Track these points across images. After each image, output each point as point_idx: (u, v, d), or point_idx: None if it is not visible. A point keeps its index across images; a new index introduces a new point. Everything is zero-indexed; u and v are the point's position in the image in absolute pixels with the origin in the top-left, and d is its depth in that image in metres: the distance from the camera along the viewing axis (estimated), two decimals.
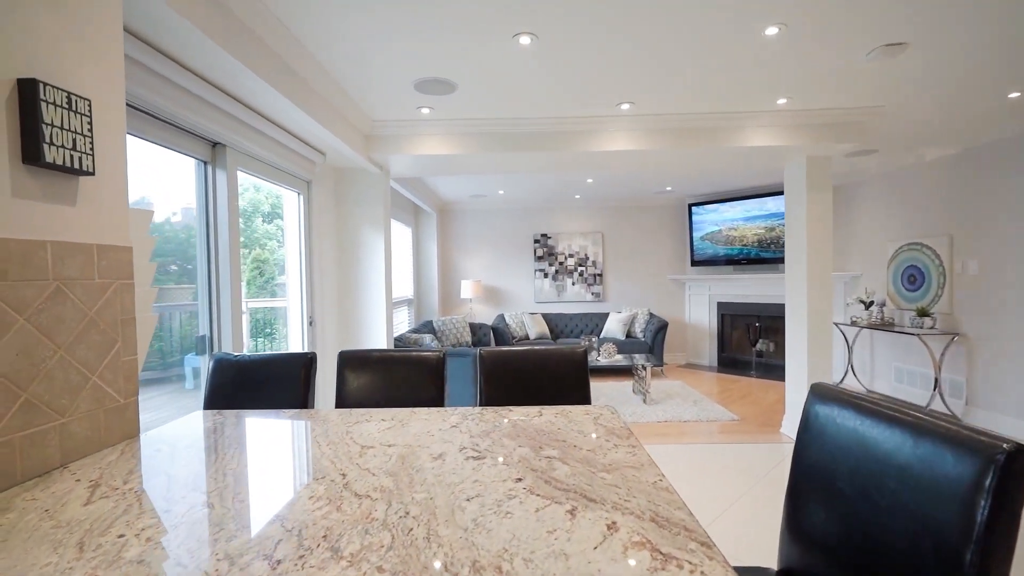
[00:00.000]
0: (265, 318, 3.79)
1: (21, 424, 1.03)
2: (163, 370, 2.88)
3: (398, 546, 0.76)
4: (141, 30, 1.69)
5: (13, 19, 1.03)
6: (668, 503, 0.88)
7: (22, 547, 0.77)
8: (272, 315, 3.73)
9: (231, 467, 1.09)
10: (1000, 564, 0.75)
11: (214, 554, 0.74)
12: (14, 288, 1.02)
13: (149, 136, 1.99)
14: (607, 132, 3.50)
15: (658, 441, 3.96)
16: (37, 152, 1.04)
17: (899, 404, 0.98)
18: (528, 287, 7.50)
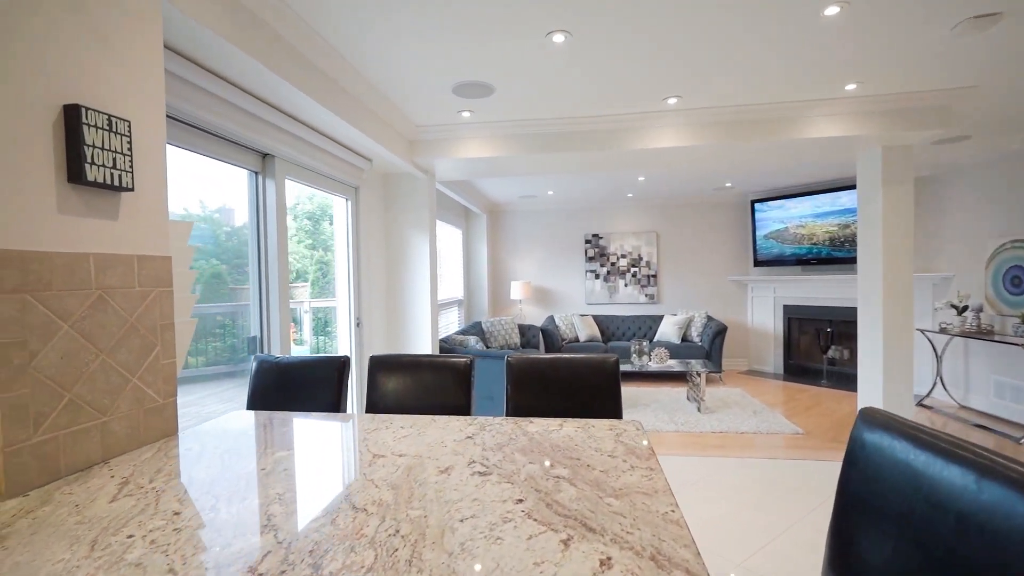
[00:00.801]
0: (325, 317, 3.97)
1: (66, 422, 1.12)
2: (234, 364, 3.11)
3: (378, 567, 0.74)
4: (192, 53, 1.81)
5: (60, 49, 1.12)
6: (675, 539, 0.81)
7: (44, 542, 0.83)
8: (331, 314, 3.90)
9: (246, 471, 1.13)
10: None
11: (202, 563, 0.76)
12: (59, 297, 1.11)
13: (202, 150, 2.13)
14: (654, 128, 3.35)
15: (711, 453, 3.74)
16: (80, 172, 1.13)
17: (963, 441, 0.84)
18: (579, 288, 7.38)
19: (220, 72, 1.98)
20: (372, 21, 2.11)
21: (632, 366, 5.10)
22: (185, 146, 2.04)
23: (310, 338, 4.12)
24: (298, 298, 4.03)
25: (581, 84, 2.79)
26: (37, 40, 1.08)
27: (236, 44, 1.77)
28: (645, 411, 4.84)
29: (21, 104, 1.05)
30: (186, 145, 2.04)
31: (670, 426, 4.38)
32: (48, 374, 1.09)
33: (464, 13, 2.05)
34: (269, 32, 1.99)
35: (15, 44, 1.04)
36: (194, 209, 3.13)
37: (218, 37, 1.69)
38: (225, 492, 1.01)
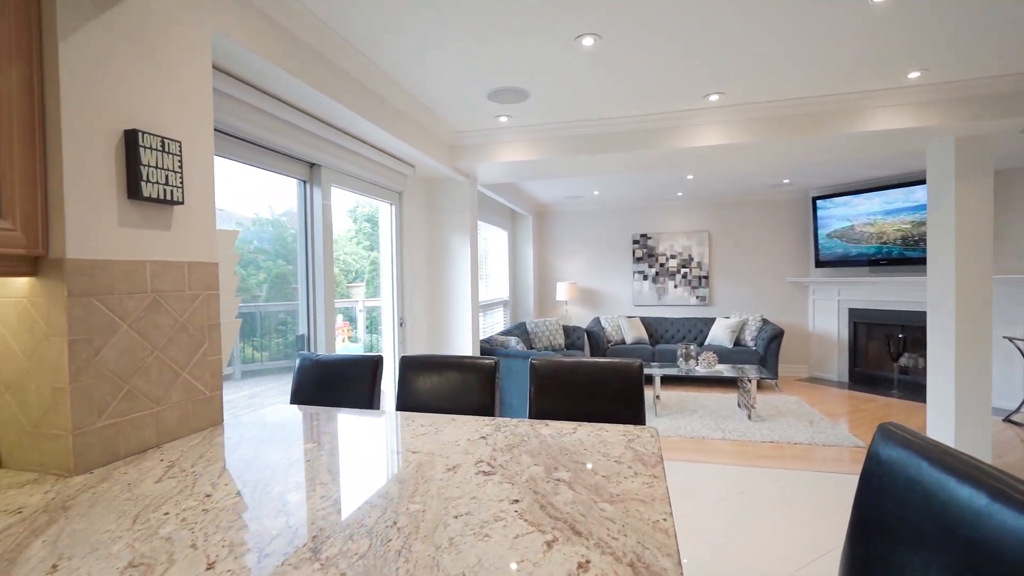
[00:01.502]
0: (379, 316, 4.17)
1: (125, 410, 1.27)
2: (294, 360, 3.36)
3: (369, 555, 0.80)
4: (241, 74, 1.97)
5: (122, 81, 1.28)
6: (659, 547, 0.81)
7: (98, 513, 0.96)
8: (380, 313, 4.09)
9: (274, 461, 1.23)
10: None
11: (221, 541, 0.85)
12: (119, 300, 1.26)
13: (253, 162, 2.32)
14: (696, 126, 3.25)
15: (759, 463, 3.58)
16: (137, 188, 1.27)
17: (977, 461, 0.78)
18: (626, 290, 7.25)
19: (268, 90, 2.14)
20: (409, 37, 2.20)
21: (678, 370, 4.96)
22: (237, 159, 2.23)
23: (364, 336, 4.33)
24: (354, 297, 4.25)
25: (616, 85, 2.76)
26: (107, 74, 1.23)
27: (281, 66, 1.91)
28: (692, 417, 4.69)
29: (92, 133, 1.21)
30: (238, 158, 2.23)
31: (716, 433, 4.23)
32: (110, 367, 1.24)
33: (496, 20, 2.10)
34: (312, 53, 2.13)
35: (90, 81, 1.20)
36: (263, 213, 3.41)
37: (264, 60, 1.84)
38: (252, 479, 1.12)
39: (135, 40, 1.31)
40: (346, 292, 4.56)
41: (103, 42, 1.24)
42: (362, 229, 4.27)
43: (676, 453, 3.82)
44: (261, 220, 3.75)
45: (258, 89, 2.10)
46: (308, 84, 2.09)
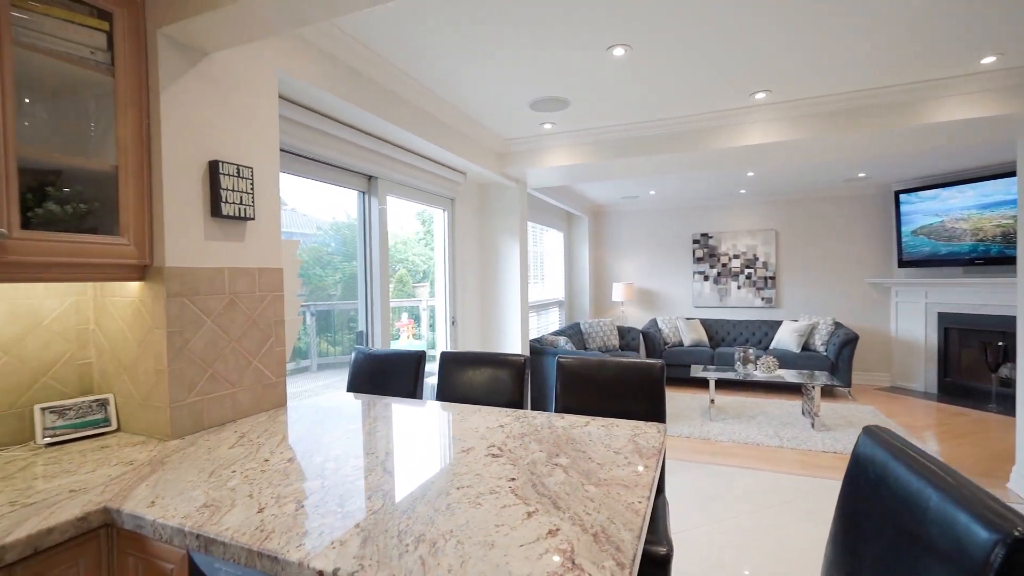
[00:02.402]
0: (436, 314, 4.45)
1: (209, 389, 1.55)
2: None
3: (381, 511, 0.97)
4: (304, 102, 2.26)
5: (206, 121, 1.56)
6: (624, 524, 0.91)
7: (185, 469, 1.21)
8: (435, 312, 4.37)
9: (322, 436, 1.45)
10: None
11: (271, 494, 1.06)
12: (204, 300, 1.54)
13: (316, 177, 2.62)
14: (743, 125, 3.18)
15: (817, 473, 3.43)
16: (218, 208, 1.55)
17: (931, 460, 0.82)
18: (685, 291, 7.08)
19: (328, 113, 2.42)
20: (450, 55, 2.39)
21: (735, 374, 4.81)
22: (303, 175, 2.53)
23: (427, 333, 4.63)
24: (419, 296, 4.56)
25: (654, 89, 2.80)
26: (195, 116, 1.52)
27: (336, 93, 2.18)
28: (749, 423, 4.54)
29: (185, 165, 1.49)
30: (304, 174, 2.53)
31: (773, 440, 4.07)
32: (197, 355, 1.52)
33: (530, 35, 2.23)
34: (364, 79, 2.38)
35: (183, 123, 1.49)
36: (340, 217, 3.78)
37: (321, 90, 2.11)
38: (302, 450, 1.34)
39: (216, 87, 1.60)
40: (412, 292, 4.89)
41: (192, 91, 1.52)
42: (430, 231, 4.55)
43: (726, 458, 3.74)
44: (338, 224, 4.12)
45: (320, 113, 2.39)
46: (362, 108, 2.34)
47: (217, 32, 1.46)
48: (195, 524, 0.94)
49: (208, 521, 0.94)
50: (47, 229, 1.27)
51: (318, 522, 0.93)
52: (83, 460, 1.28)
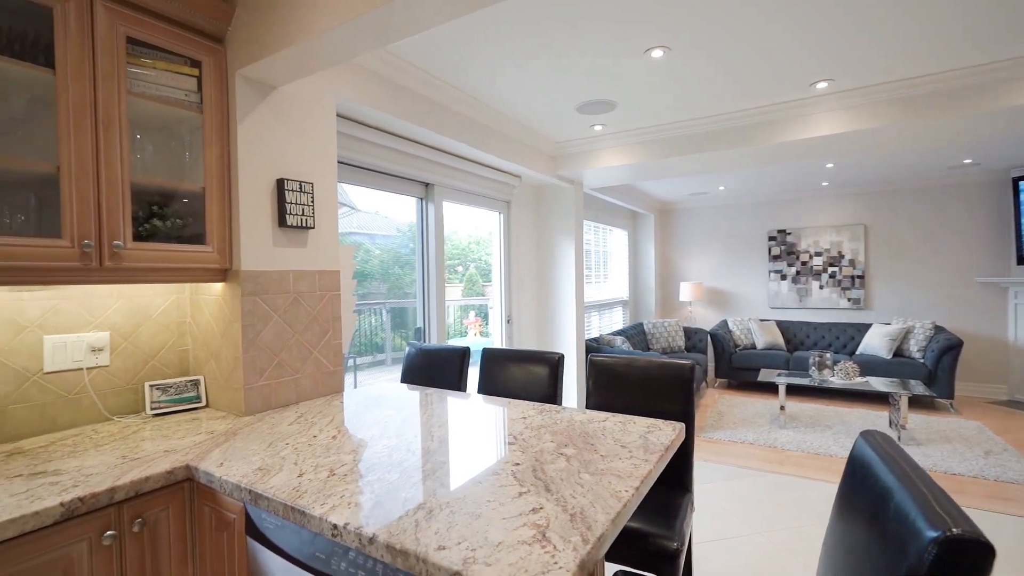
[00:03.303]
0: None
1: (276, 375, 1.81)
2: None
3: (395, 483, 1.12)
4: (364, 119, 2.50)
5: (273, 145, 1.82)
6: (603, 508, 0.99)
7: (251, 439, 1.45)
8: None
9: (365, 419, 1.65)
10: None
11: (312, 463, 1.25)
12: (272, 298, 1.80)
13: (376, 186, 2.87)
14: (807, 116, 3.01)
15: None
16: (284, 219, 1.81)
17: (916, 470, 0.82)
18: (760, 291, 6.70)
19: (385, 128, 2.66)
20: (493, 64, 2.53)
21: (809, 380, 4.50)
22: (364, 184, 2.80)
23: (495, 330, 4.84)
24: (488, 296, 4.78)
25: (707, 85, 2.74)
26: (265, 141, 1.78)
27: (390, 112, 2.40)
28: (823, 432, 4.25)
29: (257, 184, 1.76)
30: (364, 184, 2.80)
31: (846, 452, 3.78)
32: (266, 345, 1.79)
33: (572, 42, 2.31)
34: (416, 96, 2.59)
35: (255, 147, 1.75)
36: (410, 220, 4.09)
37: (375, 110, 2.33)
38: (345, 430, 1.54)
39: (282, 115, 1.85)
40: (481, 291, 5.12)
41: (262, 120, 1.79)
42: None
43: (791, 468, 3.55)
44: (403, 225, 4.42)
45: (377, 128, 2.63)
46: (413, 123, 2.55)
47: (283, 69, 1.70)
48: (249, 482, 1.15)
49: (259, 481, 1.15)
50: (152, 240, 1.57)
51: (342, 488, 1.10)
52: (177, 428, 1.57)
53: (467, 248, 5.17)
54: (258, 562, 1.17)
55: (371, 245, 5.77)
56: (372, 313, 5.59)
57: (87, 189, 1.37)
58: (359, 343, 5.47)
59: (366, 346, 5.57)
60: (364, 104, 2.26)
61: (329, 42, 1.52)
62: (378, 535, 0.90)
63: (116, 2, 1.44)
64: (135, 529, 1.19)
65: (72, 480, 1.17)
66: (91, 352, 1.62)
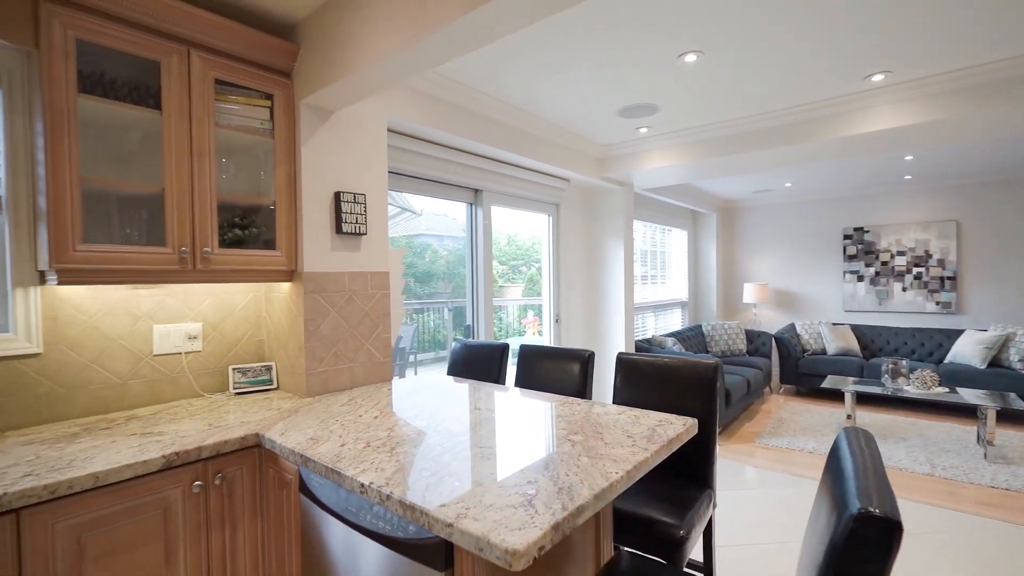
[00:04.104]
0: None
1: (333, 363, 2.08)
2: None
3: (418, 455, 1.30)
4: (415, 133, 2.74)
5: (332, 162, 2.08)
6: (590, 485, 1.10)
7: (308, 416, 1.71)
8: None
9: (405, 403, 1.86)
10: None
11: (354, 437, 1.47)
12: (330, 296, 2.07)
13: (428, 193, 3.11)
14: (866, 110, 2.86)
15: (971, 510, 2.92)
16: (340, 226, 2.07)
17: (875, 463, 0.87)
18: (833, 293, 6.28)
19: (436, 140, 2.89)
20: (535, 78, 2.67)
21: (882, 388, 4.21)
22: (417, 192, 3.04)
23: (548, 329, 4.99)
24: (543, 296, 4.95)
25: (752, 84, 2.70)
26: (324, 159, 2.05)
27: (439, 127, 2.61)
28: (896, 445, 3.96)
29: (318, 197, 2.03)
30: (417, 191, 3.04)
31: (922, 467, 3.52)
32: (325, 336, 2.05)
33: (609, 52, 2.40)
34: (463, 111, 2.79)
35: (316, 165, 2.02)
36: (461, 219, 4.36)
37: (425, 126, 2.56)
38: (388, 410, 1.75)
39: (339, 135, 2.12)
40: (539, 291, 5.28)
41: (322, 140, 2.06)
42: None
43: None
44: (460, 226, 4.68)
45: (427, 141, 2.86)
46: (460, 136, 2.75)
47: (339, 96, 1.95)
48: (301, 448, 1.38)
49: (309, 448, 1.38)
50: (235, 247, 1.88)
51: (374, 456, 1.30)
52: (252, 405, 1.87)
53: (530, 248, 5.34)
54: (308, 515, 1.41)
55: (438, 246, 6.10)
56: (435, 312, 5.92)
57: (184, 206, 1.68)
58: (421, 340, 5.82)
59: (429, 343, 5.91)
60: (412, 121, 2.50)
61: (374, 72, 1.74)
62: (393, 493, 1.08)
63: (207, 52, 1.75)
64: (216, 482, 1.47)
65: (171, 439, 1.47)
66: (188, 339, 1.97)
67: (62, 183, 1.44)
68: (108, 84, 1.61)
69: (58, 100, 1.44)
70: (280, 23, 2.00)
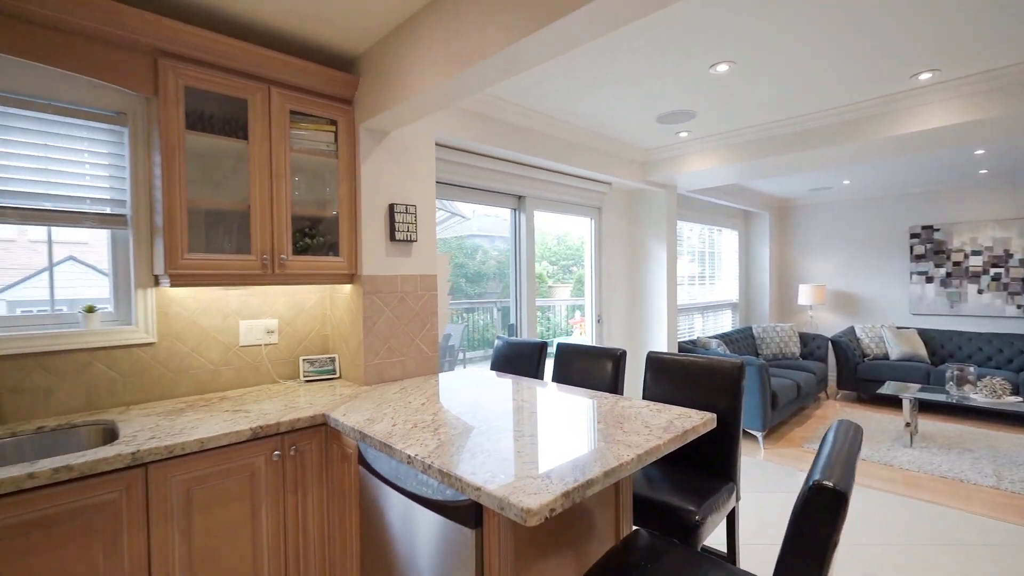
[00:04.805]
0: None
1: (387, 356, 2.34)
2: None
3: (456, 435, 1.51)
4: (462, 146, 2.97)
5: (386, 177, 2.34)
6: (603, 464, 1.26)
7: (366, 401, 1.96)
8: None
9: (448, 393, 2.08)
10: None
11: (404, 419, 1.70)
12: (384, 297, 2.33)
13: (474, 200, 3.33)
14: (913, 108, 2.79)
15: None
16: (393, 235, 2.32)
17: (847, 449, 0.98)
18: (899, 295, 5.96)
19: (478, 151, 3.11)
20: (578, 93, 2.82)
21: (945, 396, 4.00)
22: (464, 200, 3.27)
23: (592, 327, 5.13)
24: (585, 296, 5.09)
25: (793, 85, 2.72)
26: (380, 175, 2.31)
27: (479, 140, 2.83)
28: (961, 457, 3.77)
29: (375, 208, 2.30)
30: (464, 199, 3.27)
31: (988, 479, 3.35)
32: (380, 333, 2.32)
33: (643, 66, 2.52)
34: (502, 123, 2.99)
35: (373, 180, 2.29)
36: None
37: (469, 140, 2.78)
38: (432, 398, 1.98)
39: (393, 154, 2.37)
40: (584, 291, 5.42)
41: (378, 159, 2.32)
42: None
43: (905, 488, 3.27)
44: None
45: (472, 152, 3.09)
46: (503, 148, 2.95)
47: (394, 120, 2.20)
48: (360, 426, 1.62)
49: (366, 426, 1.62)
50: (304, 254, 2.17)
51: (420, 435, 1.52)
52: (319, 391, 2.16)
53: (579, 248, 5.47)
54: (364, 482, 1.65)
55: (489, 247, 6.35)
56: (485, 311, 6.17)
57: (265, 220, 1.98)
58: (471, 338, 6.09)
59: (479, 341, 6.17)
60: (458, 136, 2.73)
61: (423, 100, 1.97)
62: (434, 463, 1.29)
63: (285, 87, 2.05)
64: (291, 453, 1.75)
65: (256, 416, 1.76)
66: (267, 333, 2.29)
67: (174, 204, 1.77)
68: (207, 120, 1.94)
69: (171, 137, 1.77)
70: (342, 57, 2.28)
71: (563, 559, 1.36)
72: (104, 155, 1.89)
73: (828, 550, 0.79)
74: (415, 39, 1.93)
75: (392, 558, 1.54)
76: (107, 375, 1.89)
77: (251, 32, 2.03)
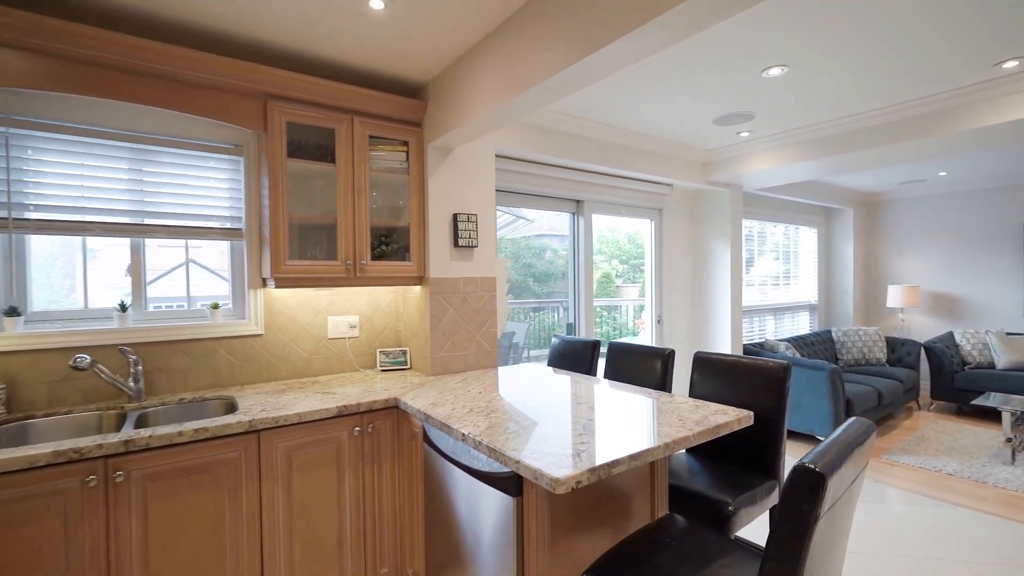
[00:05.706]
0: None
1: (451, 350, 2.61)
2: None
3: (505, 418, 1.72)
4: (522, 156, 3.18)
5: (450, 190, 2.61)
6: (632, 447, 1.41)
7: (432, 389, 2.24)
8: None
9: (505, 385, 2.30)
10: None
11: (463, 405, 1.94)
12: (449, 296, 2.60)
13: (534, 206, 3.53)
14: (999, 99, 2.60)
15: None
16: (456, 241, 2.59)
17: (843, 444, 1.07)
18: (1009, 296, 5.36)
19: (538, 160, 3.30)
20: (632, 103, 2.93)
21: None
22: (524, 206, 3.48)
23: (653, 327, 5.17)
24: (646, 297, 5.15)
25: (863, 77, 2.64)
26: (445, 187, 2.58)
27: (539, 151, 3.02)
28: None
29: (440, 218, 2.57)
30: (524, 205, 3.48)
31: None
32: (445, 329, 2.59)
33: (694, 77, 2.59)
34: (560, 133, 3.16)
35: (439, 192, 2.56)
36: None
37: (528, 151, 2.98)
38: (489, 388, 2.21)
39: (456, 168, 2.64)
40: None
41: (443, 173, 2.59)
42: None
43: (996, 507, 3.03)
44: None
45: (531, 162, 3.29)
46: (561, 157, 3.13)
47: (458, 138, 2.46)
48: (425, 409, 1.89)
49: (430, 409, 1.88)
50: (381, 260, 2.49)
51: (474, 419, 1.75)
52: (393, 380, 2.47)
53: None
54: (428, 457, 1.91)
55: (558, 246, 6.54)
56: (551, 310, 6.36)
57: (349, 230, 2.32)
58: (536, 336, 6.31)
59: (544, 339, 6.38)
60: (517, 147, 2.94)
61: (483, 121, 2.21)
62: (483, 441, 1.51)
63: (365, 116, 2.37)
64: (369, 430, 2.05)
65: (341, 397, 2.09)
66: (349, 328, 2.64)
67: (278, 219, 2.14)
68: (303, 148, 2.30)
69: (276, 164, 2.14)
70: (412, 85, 2.57)
71: (599, 534, 1.53)
72: (225, 180, 2.32)
73: (809, 525, 0.90)
74: (475, 67, 2.17)
75: (451, 521, 1.79)
76: (227, 359, 2.32)
77: (335, 70, 2.38)
